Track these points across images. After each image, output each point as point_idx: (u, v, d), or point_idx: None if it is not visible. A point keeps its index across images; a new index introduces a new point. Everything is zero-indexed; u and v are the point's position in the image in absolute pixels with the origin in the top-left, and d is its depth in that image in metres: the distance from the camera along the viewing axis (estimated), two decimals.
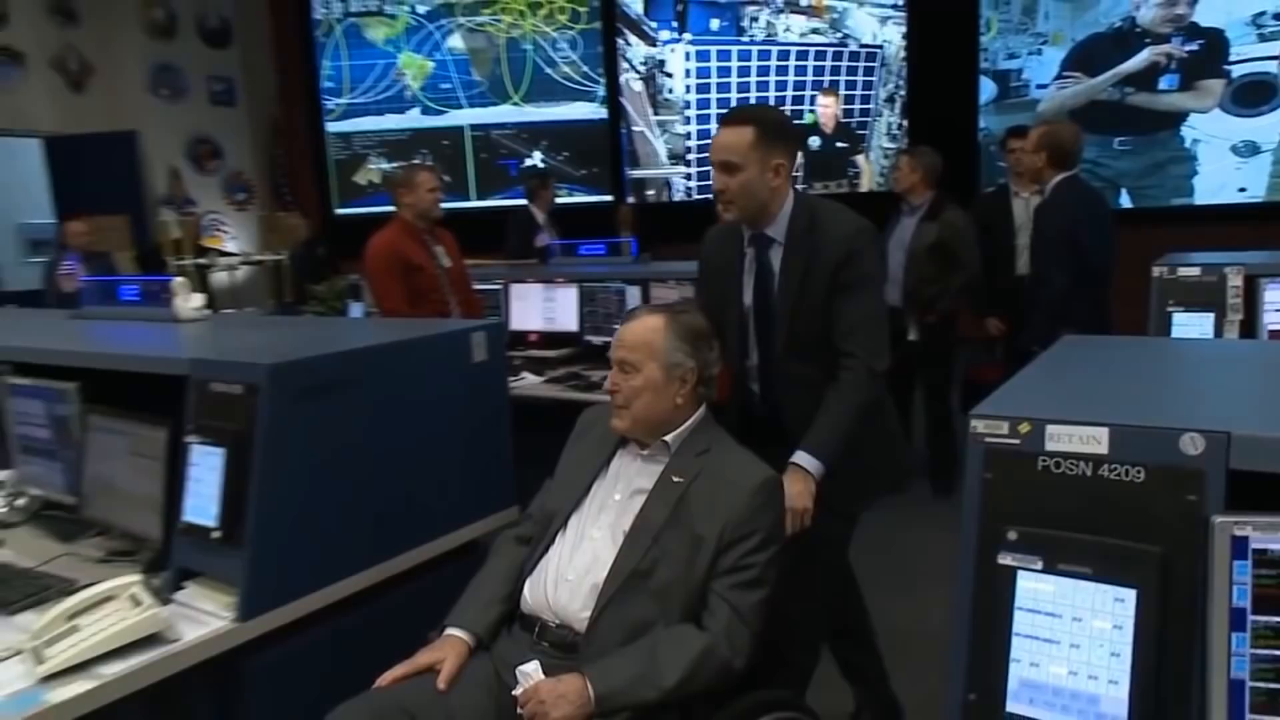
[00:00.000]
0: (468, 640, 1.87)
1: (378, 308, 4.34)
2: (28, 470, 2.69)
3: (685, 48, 9.75)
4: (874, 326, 2.25)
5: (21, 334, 3.07)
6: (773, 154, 2.20)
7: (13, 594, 2.06)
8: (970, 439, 1.23)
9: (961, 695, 1.18)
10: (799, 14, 9.47)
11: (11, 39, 8.41)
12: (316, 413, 2.09)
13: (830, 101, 9.54)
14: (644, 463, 1.96)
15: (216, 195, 9.67)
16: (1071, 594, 1.13)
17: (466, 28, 10.20)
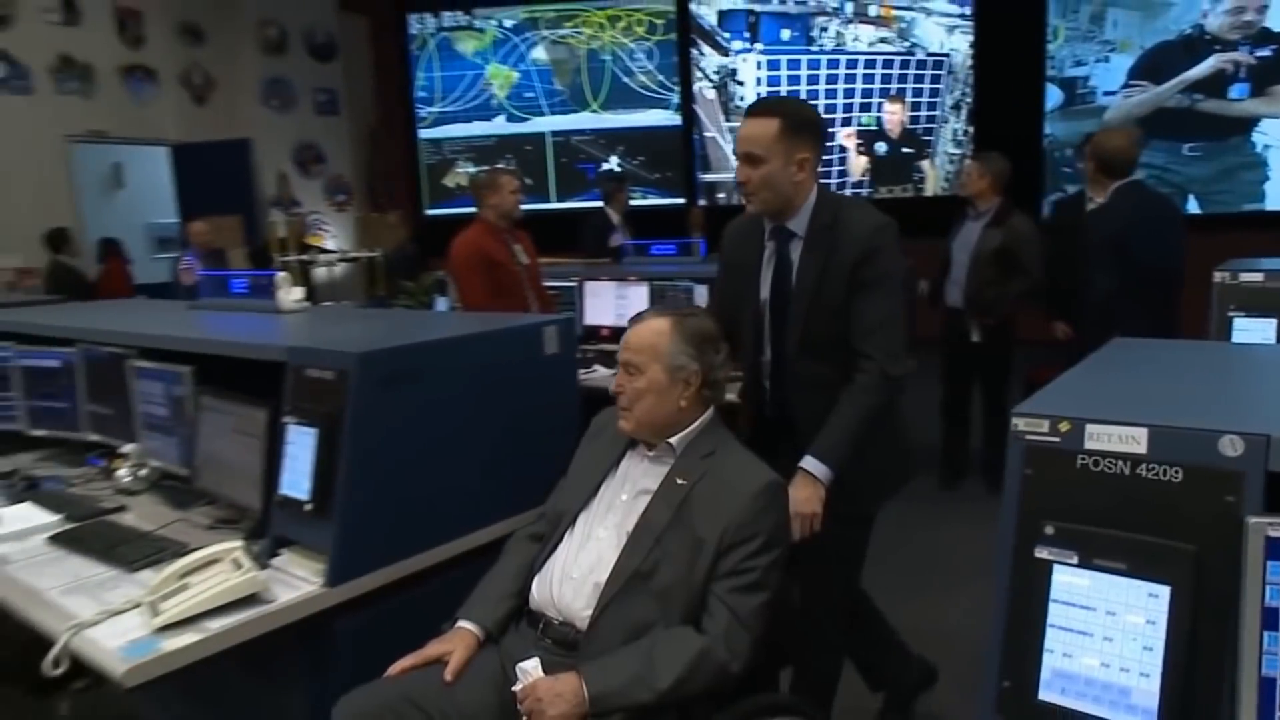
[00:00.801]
0: (477, 634, 1.82)
1: (461, 302, 4.39)
2: (149, 444, 2.76)
3: (757, 57, 9.68)
4: (892, 328, 2.10)
5: (146, 323, 3.15)
6: (798, 147, 2.07)
7: (134, 554, 2.14)
8: (1011, 436, 1.21)
9: (996, 682, 1.16)
10: (868, 24, 9.33)
11: (147, 58, 8.73)
12: (401, 397, 2.10)
13: (897, 108, 9.39)
14: (650, 464, 1.88)
15: (319, 197, 9.88)
16: (1106, 588, 1.10)
17: (550, 40, 10.26)
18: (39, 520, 2.47)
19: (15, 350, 3.30)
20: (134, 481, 2.74)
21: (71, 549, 2.25)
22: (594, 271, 5.11)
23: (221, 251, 7.33)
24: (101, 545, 2.23)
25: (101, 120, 8.43)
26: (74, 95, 8.27)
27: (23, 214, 7.65)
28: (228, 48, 9.27)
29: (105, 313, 3.82)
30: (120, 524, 2.43)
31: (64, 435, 3.17)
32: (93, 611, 1.86)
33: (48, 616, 1.89)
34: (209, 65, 9.19)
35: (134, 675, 1.67)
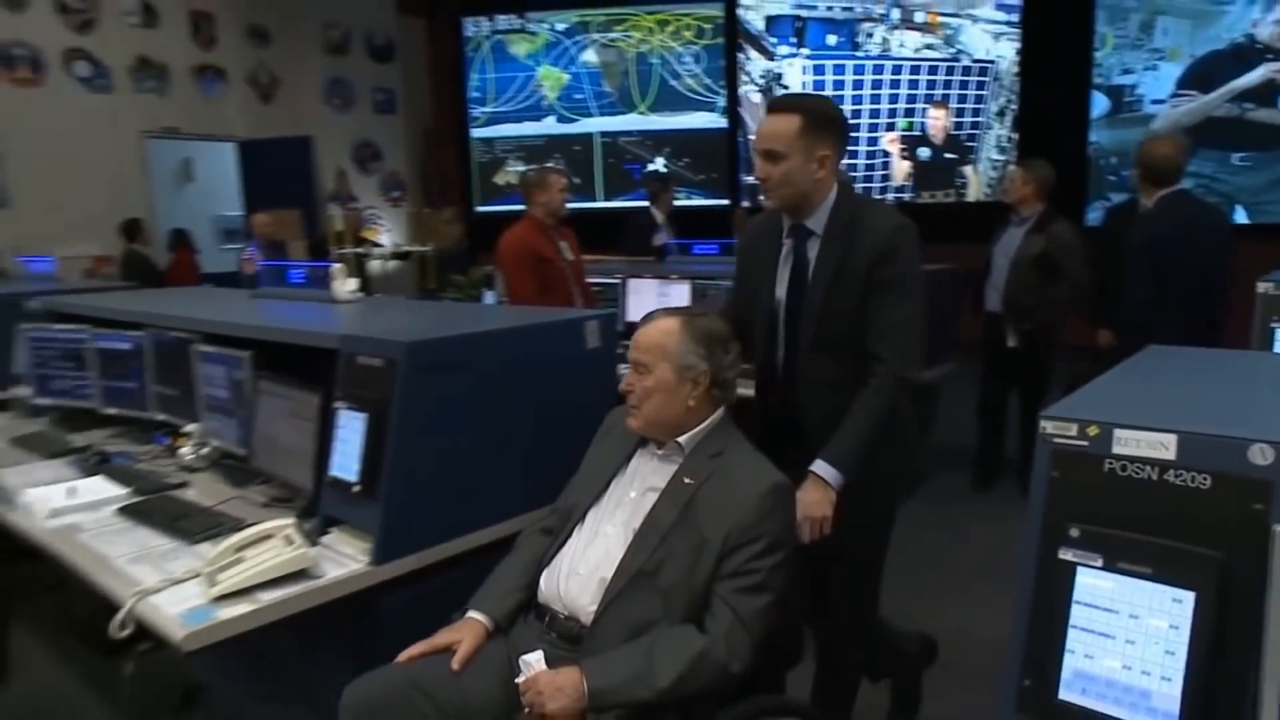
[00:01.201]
0: (486, 624, 1.80)
1: (508, 296, 4.42)
2: (210, 425, 2.81)
3: (802, 61, 9.60)
4: (907, 331, 2.00)
5: (210, 309, 3.20)
6: (818, 144, 1.98)
7: (194, 527, 2.19)
8: (1039, 438, 1.19)
9: (1017, 681, 1.14)
10: (914, 30, 9.21)
11: (218, 59, 8.90)
12: (446, 386, 2.11)
13: (941, 114, 9.26)
14: (659, 462, 1.84)
15: (375, 193, 9.99)
16: (1130, 592, 1.08)
17: (600, 43, 10.27)
18: (109, 493, 2.54)
19: (91, 333, 3.38)
20: (196, 459, 2.80)
21: (138, 521, 2.31)
22: (637, 269, 5.12)
23: (282, 243, 7.43)
24: (165, 518, 2.28)
25: (174, 117, 8.62)
26: (150, 93, 8.46)
27: (101, 205, 7.85)
28: (293, 49, 9.41)
29: (173, 299, 3.90)
30: (182, 499, 2.48)
31: (133, 414, 3.24)
32: (156, 580, 1.91)
33: (115, 583, 1.94)
34: (275, 65, 9.35)
35: (192, 640, 1.72)
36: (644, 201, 7.42)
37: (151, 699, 2.93)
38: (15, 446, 3.16)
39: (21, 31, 7.67)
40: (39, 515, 2.38)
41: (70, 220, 7.75)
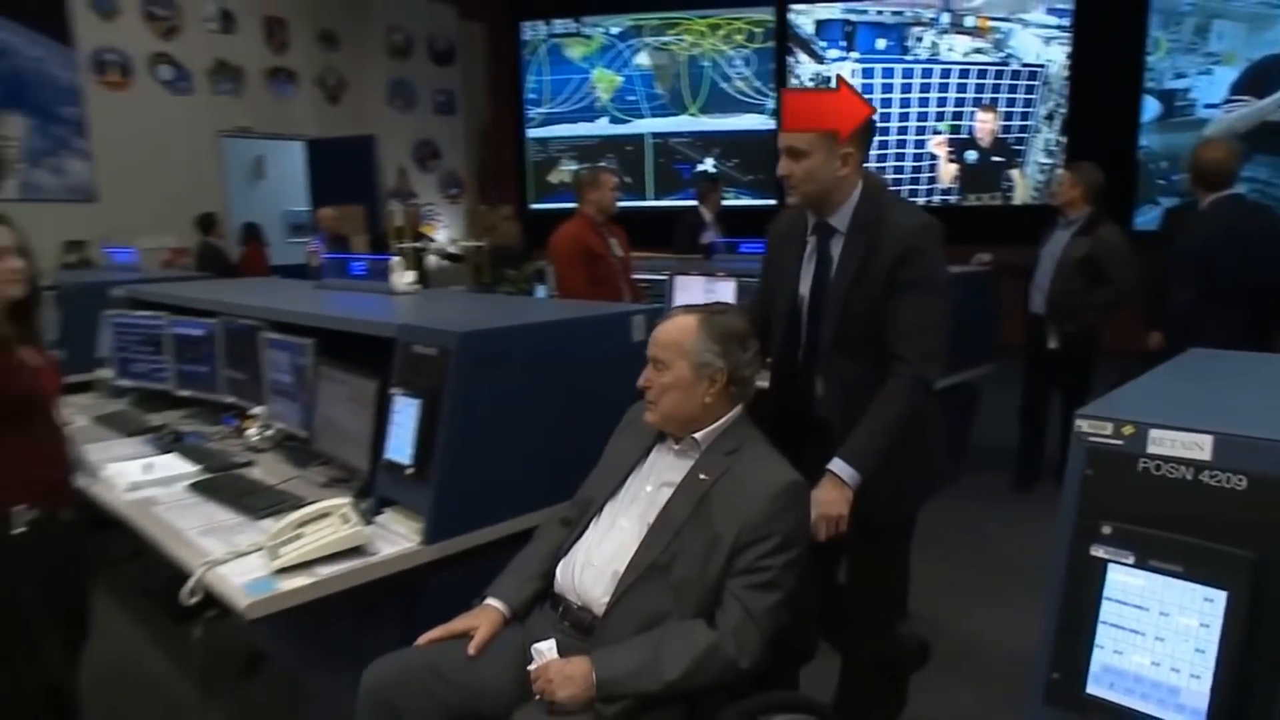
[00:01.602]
0: (503, 611, 1.78)
1: (560, 290, 4.44)
2: (275, 408, 2.87)
3: (852, 65, 9.47)
4: (931, 332, 1.91)
5: (277, 299, 3.27)
6: (843, 142, 1.90)
7: (259, 503, 2.25)
8: (1074, 437, 1.17)
9: (1046, 674, 1.13)
10: (963, 34, 9.04)
11: (290, 62, 9.08)
12: (497, 375, 2.13)
13: (989, 117, 9.08)
14: (675, 458, 1.79)
15: (434, 190, 10.10)
16: (1161, 590, 1.06)
17: (653, 46, 10.25)
18: (182, 469, 2.62)
19: (168, 319, 3.48)
20: (261, 440, 2.87)
21: (207, 496, 2.38)
22: (685, 266, 5.10)
23: (345, 237, 7.53)
24: (232, 494, 2.35)
25: (248, 117, 8.81)
26: (226, 95, 8.65)
27: (178, 200, 8.05)
28: (359, 52, 9.56)
29: (243, 289, 3.99)
30: (248, 477, 2.54)
31: (205, 396, 3.33)
32: (223, 552, 1.98)
33: (186, 553, 2.01)
34: (342, 68, 9.50)
35: (254, 609, 1.77)
36: (693, 201, 7.41)
37: (218, 663, 3.01)
38: (98, 424, 3.27)
39: (113, 38, 7.91)
40: (118, 488, 2.47)
41: (151, 213, 7.97)
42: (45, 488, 2.10)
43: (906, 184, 9.47)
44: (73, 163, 7.78)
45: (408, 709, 1.64)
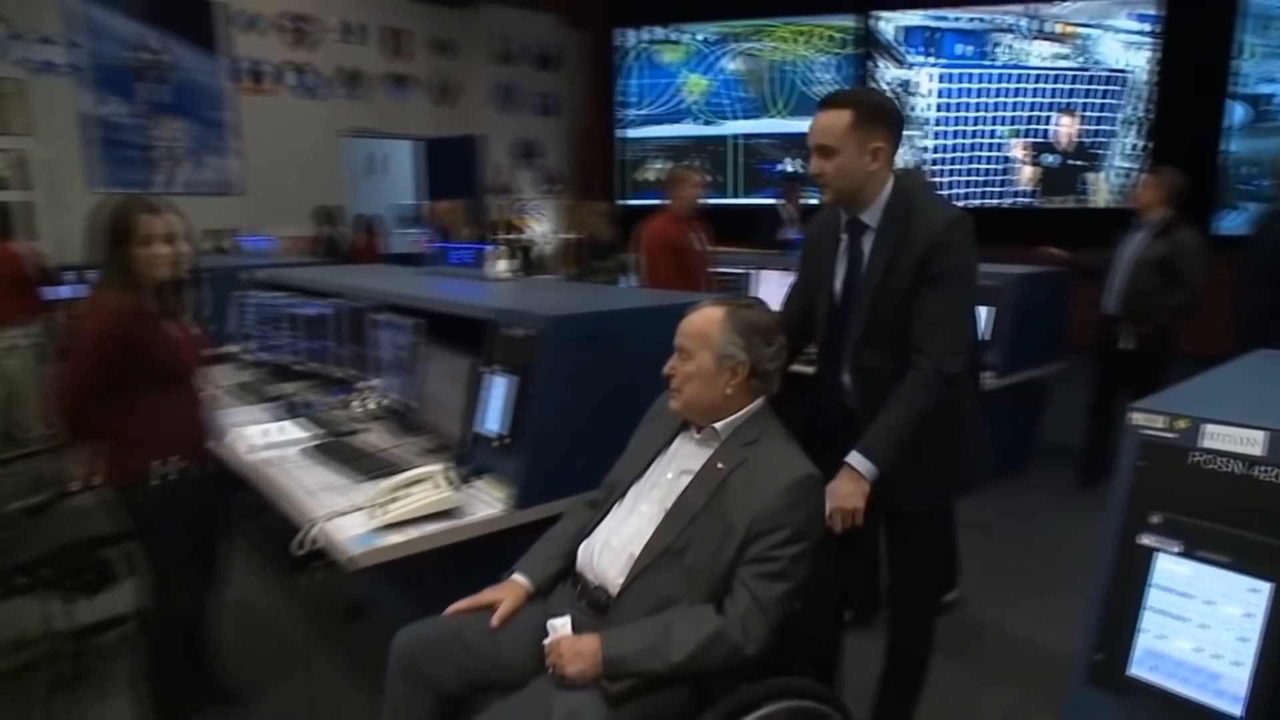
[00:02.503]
0: (527, 586, 1.76)
1: (646, 280, 4.47)
2: (383, 382, 2.96)
3: (933, 70, 9.21)
4: (953, 326, 1.82)
5: (388, 284, 3.37)
6: (871, 136, 1.81)
7: (366, 467, 2.34)
8: (1127, 428, 1.13)
9: (1089, 655, 1.10)
10: (1046, 40, 8.67)
11: (407, 68, 9.35)
12: (584, 356, 2.15)
13: (1069, 121, 8.70)
14: (696, 446, 1.74)
15: (533, 186, 10.25)
16: (1207, 579, 1.03)
17: (741, 52, 10.15)
18: (301, 434, 2.74)
19: (294, 299, 3.64)
20: (370, 411, 2.96)
21: (322, 459, 2.49)
22: (765, 261, 5.07)
23: (451, 229, 7.72)
24: (342, 458, 2.45)
25: (368, 118, 9.10)
26: (351, 99, 8.96)
27: (305, 194, 8.39)
28: (469, 59, 9.75)
29: (358, 274, 4.12)
30: (357, 443, 2.64)
31: (322, 370, 3.45)
32: (333, 508, 2.07)
33: (301, 509, 2.11)
34: (453, 73, 9.71)
35: (359, 560, 1.85)
36: (775, 199, 7.33)
37: (326, 609, 3.16)
38: (231, 393, 3.45)
39: (260, 50, 8.32)
40: (246, 449, 2.61)
41: (283, 205, 8.34)
42: (183, 446, 2.23)
43: (984, 185, 9.16)
44: (223, 160, 8.20)
45: (433, 674, 1.65)
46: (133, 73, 7.66)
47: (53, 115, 7.22)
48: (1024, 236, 8.55)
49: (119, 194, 2.35)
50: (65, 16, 7.26)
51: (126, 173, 7.66)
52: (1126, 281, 4.15)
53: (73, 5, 7.30)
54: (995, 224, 8.95)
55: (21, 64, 7.05)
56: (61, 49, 7.27)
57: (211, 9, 8.04)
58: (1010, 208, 9.10)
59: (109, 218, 2.16)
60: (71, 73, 7.32)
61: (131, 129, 7.71)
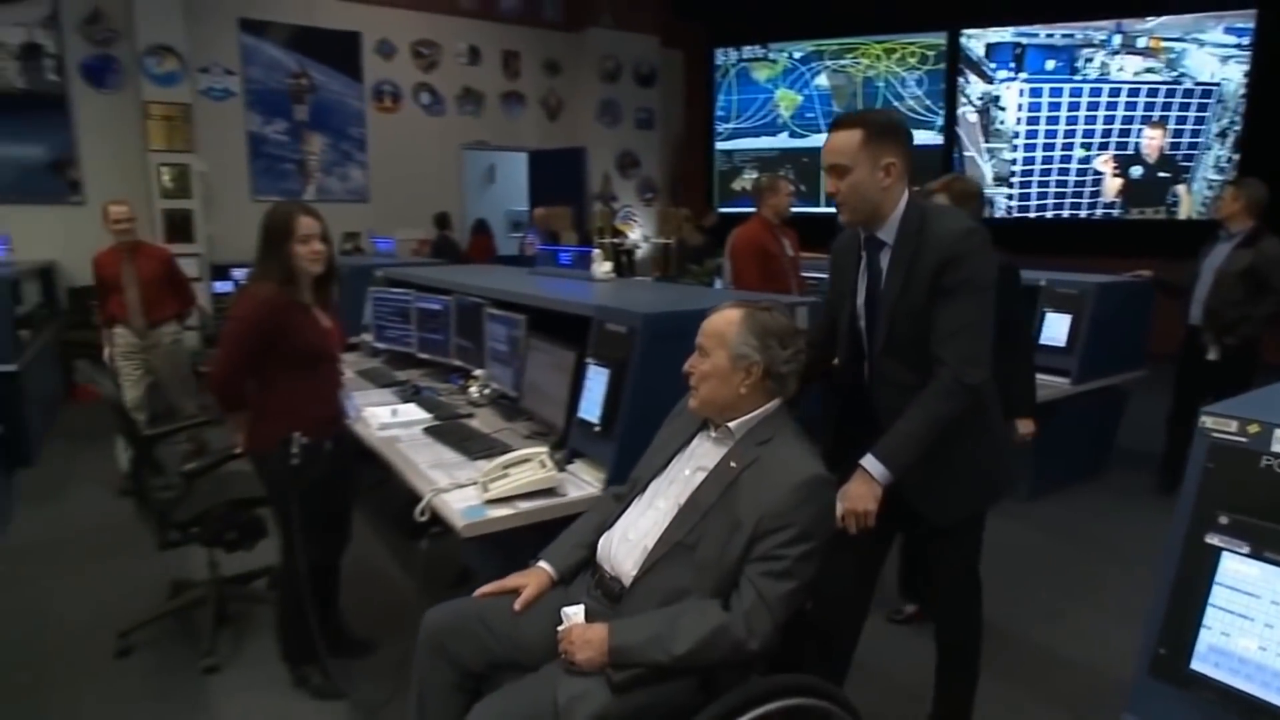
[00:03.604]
0: (551, 574, 1.73)
1: (735, 284, 4.45)
2: (492, 371, 3.06)
3: (1020, 85, 8.83)
4: (971, 335, 1.72)
5: (498, 281, 3.46)
6: (883, 153, 1.73)
7: (476, 447, 2.43)
8: (1198, 431, 1.08)
9: (1152, 649, 1.06)
10: (1135, 54, 8.19)
11: (520, 86, 9.56)
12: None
13: (1157, 134, 8.21)
14: (712, 444, 1.68)
15: (632, 194, 10.30)
16: (1274, 579, 0.97)
17: (831, 69, 9.97)
18: (418, 416, 2.86)
19: (415, 295, 3.79)
20: (480, 397, 3.07)
21: (437, 438, 2.60)
22: None
23: (556, 233, 7.86)
24: (455, 439, 2.55)
25: (484, 132, 9.35)
26: (469, 115, 9.23)
27: (427, 201, 8.71)
28: (575, 77, 9.90)
29: (472, 273, 4.25)
30: (468, 426, 2.74)
31: (438, 359, 3.59)
32: (446, 483, 2.15)
33: (419, 481, 2.20)
34: (561, 90, 9.88)
35: (468, 530, 1.93)
36: None
37: (436, 573, 3.28)
38: (359, 377, 3.62)
39: (390, 73, 8.67)
40: (373, 427, 2.74)
41: (405, 211, 8.68)
42: (317, 423, 2.35)
43: (1070, 198, 8.73)
44: (354, 171, 8.59)
45: (456, 651, 1.64)
46: (288, 96, 8.12)
47: (222, 134, 7.73)
48: (1109, 248, 8.15)
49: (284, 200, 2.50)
50: (238, 50, 7.75)
51: (280, 183, 8.13)
52: (1211, 292, 3.90)
53: (243, 40, 7.79)
54: (1079, 235, 8.57)
55: (205, 93, 7.57)
56: (235, 78, 7.76)
57: (357, 39, 8.43)
58: (1095, 220, 8.66)
59: (272, 218, 2.32)
60: (239, 98, 7.82)
61: (284, 145, 8.17)
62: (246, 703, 2.47)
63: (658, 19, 10.20)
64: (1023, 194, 8.99)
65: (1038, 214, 9.00)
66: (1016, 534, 3.74)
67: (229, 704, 2.46)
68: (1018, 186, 9.00)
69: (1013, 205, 9.08)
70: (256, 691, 2.52)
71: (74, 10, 6.98)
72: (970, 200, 2.64)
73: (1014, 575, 3.28)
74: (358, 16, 8.42)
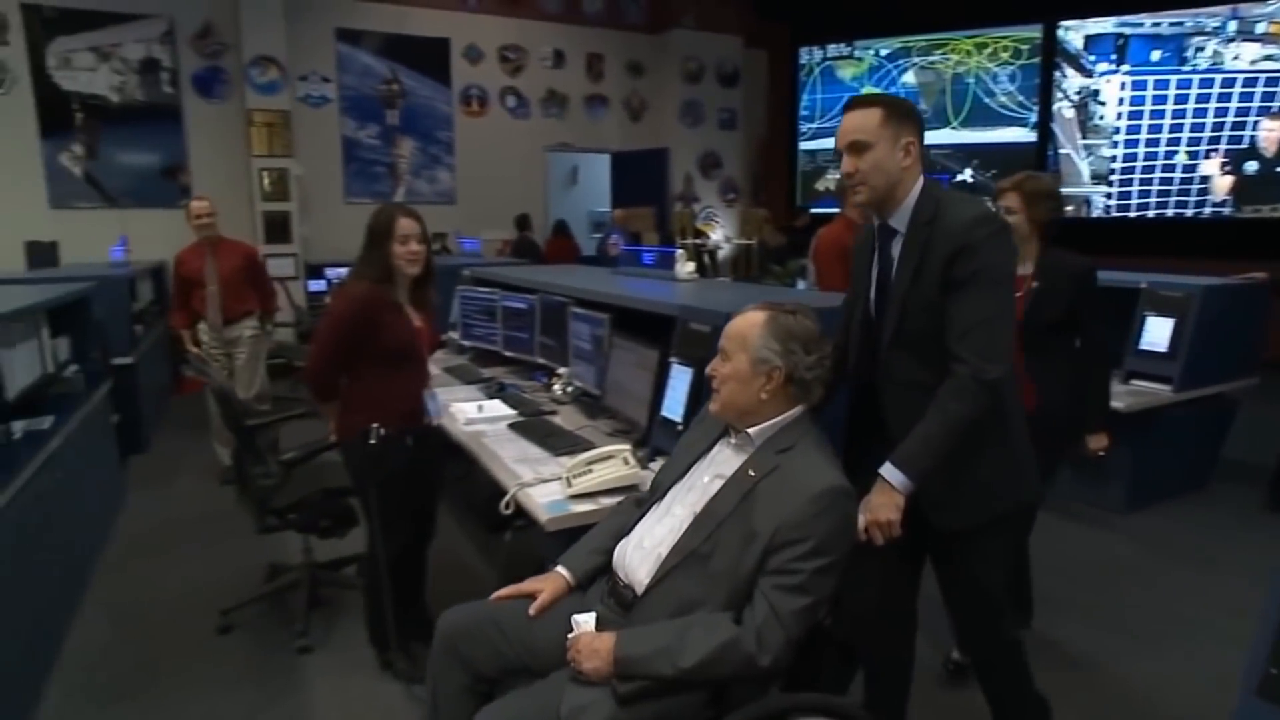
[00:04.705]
0: (568, 579, 1.71)
1: (819, 284, 4.37)
2: (576, 369, 3.08)
3: (1122, 78, 8.39)
4: (989, 330, 1.59)
5: (581, 281, 3.50)
6: (902, 132, 1.65)
7: (560, 444, 2.46)
8: None
9: (1263, 668, 0.99)
10: (1252, 42, 7.67)
11: (603, 89, 9.64)
12: None
13: (1276, 125, 7.67)
14: (732, 451, 1.62)
15: (714, 194, 10.26)
16: None
17: (919, 66, 9.71)
18: (504, 412, 2.92)
19: (500, 294, 3.87)
20: (563, 394, 3.10)
21: (521, 434, 2.64)
22: None
23: (638, 233, 7.90)
24: (539, 434, 2.58)
25: (568, 134, 9.47)
26: (553, 118, 9.37)
27: (511, 202, 8.88)
28: (658, 79, 9.92)
29: (556, 273, 4.32)
30: (552, 422, 2.77)
31: (523, 357, 3.65)
32: (531, 477, 2.19)
33: (504, 475, 2.24)
34: (644, 92, 9.92)
35: (552, 524, 1.95)
36: None
37: (517, 566, 3.32)
38: (446, 374, 3.72)
39: (477, 77, 8.89)
40: (459, 422, 2.80)
41: (488, 212, 8.87)
42: (398, 416, 2.41)
43: (1175, 196, 8.25)
44: (441, 173, 8.84)
45: (469, 654, 1.63)
46: (380, 101, 8.41)
47: (318, 139, 8.07)
48: (1217, 249, 7.65)
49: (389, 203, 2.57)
50: (334, 59, 8.09)
51: (372, 186, 8.43)
52: None
53: (339, 48, 8.12)
54: (1185, 236, 8.09)
55: (303, 100, 7.93)
56: (331, 85, 8.10)
57: (446, 45, 8.67)
58: (1202, 219, 8.15)
59: (376, 219, 2.40)
60: (335, 104, 8.15)
61: (376, 149, 8.47)
62: (335, 684, 2.56)
63: (741, 19, 10.13)
64: (1122, 192, 8.55)
65: (1138, 213, 8.55)
66: (1109, 546, 3.57)
67: (321, 683, 2.56)
68: (1117, 185, 8.57)
69: (1111, 204, 8.65)
70: (346, 673, 2.61)
71: (187, 26, 7.40)
72: (1044, 200, 2.47)
73: (1104, 588, 3.14)
74: (447, 23, 8.65)
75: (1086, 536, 3.69)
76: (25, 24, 6.81)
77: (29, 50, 6.84)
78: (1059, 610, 2.93)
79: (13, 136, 6.84)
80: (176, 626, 2.91)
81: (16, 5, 6.76)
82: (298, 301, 7.30)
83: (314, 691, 2.53)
